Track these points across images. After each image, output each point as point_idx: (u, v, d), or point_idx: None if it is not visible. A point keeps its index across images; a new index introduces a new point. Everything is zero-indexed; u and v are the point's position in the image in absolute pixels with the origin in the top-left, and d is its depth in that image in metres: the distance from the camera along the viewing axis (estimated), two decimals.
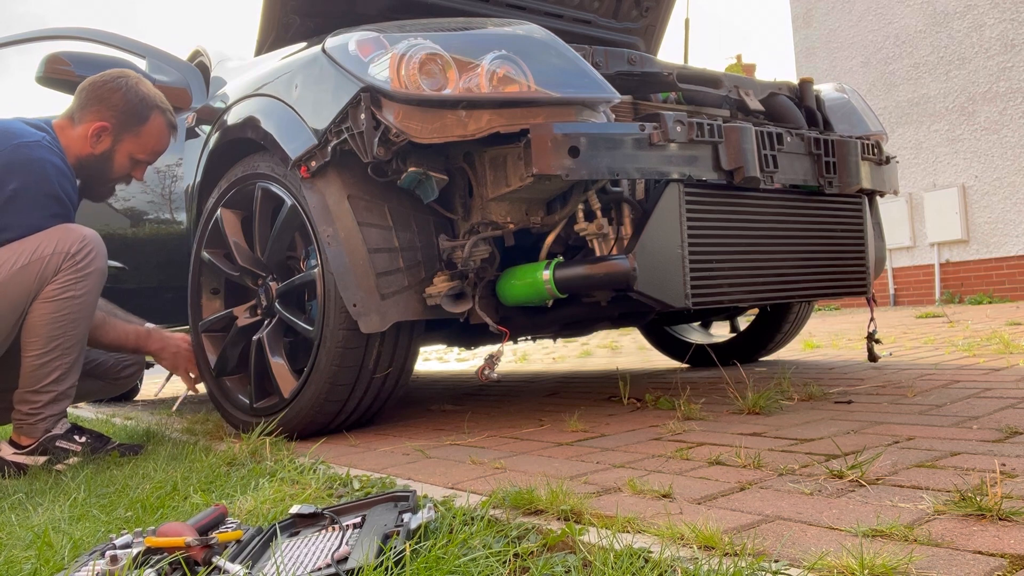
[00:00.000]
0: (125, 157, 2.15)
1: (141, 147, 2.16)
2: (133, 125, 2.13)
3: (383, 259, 1.90)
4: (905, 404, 1.86)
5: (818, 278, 2.15)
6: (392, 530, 0.99)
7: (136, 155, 2.17)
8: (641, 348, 4.87)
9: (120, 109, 2.11)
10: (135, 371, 2.43)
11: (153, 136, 2.17)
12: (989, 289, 8.13)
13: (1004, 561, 0.82)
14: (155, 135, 2.17)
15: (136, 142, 2.15)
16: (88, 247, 1.94)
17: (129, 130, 2.13)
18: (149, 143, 2.17)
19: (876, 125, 2.60)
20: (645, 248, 1.78)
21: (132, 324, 2.28)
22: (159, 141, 2.19)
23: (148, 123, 2.15)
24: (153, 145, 2.18)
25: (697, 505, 1.13)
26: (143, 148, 2.16)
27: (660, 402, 2.15)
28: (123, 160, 2.16)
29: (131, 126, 2.13)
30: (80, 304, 1.93)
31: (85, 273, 1.93)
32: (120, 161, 2.15)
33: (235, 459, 1.77)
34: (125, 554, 0.97)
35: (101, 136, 2.11)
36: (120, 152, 2.14)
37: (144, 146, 2.17)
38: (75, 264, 1.91)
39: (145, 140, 2.16)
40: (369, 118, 1.77)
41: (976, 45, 8.21)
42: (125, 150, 2.14)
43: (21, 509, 1.46)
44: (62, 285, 1.91)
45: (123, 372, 2.40)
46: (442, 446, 1.79)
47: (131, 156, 2.16)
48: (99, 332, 2.17)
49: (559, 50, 1.86)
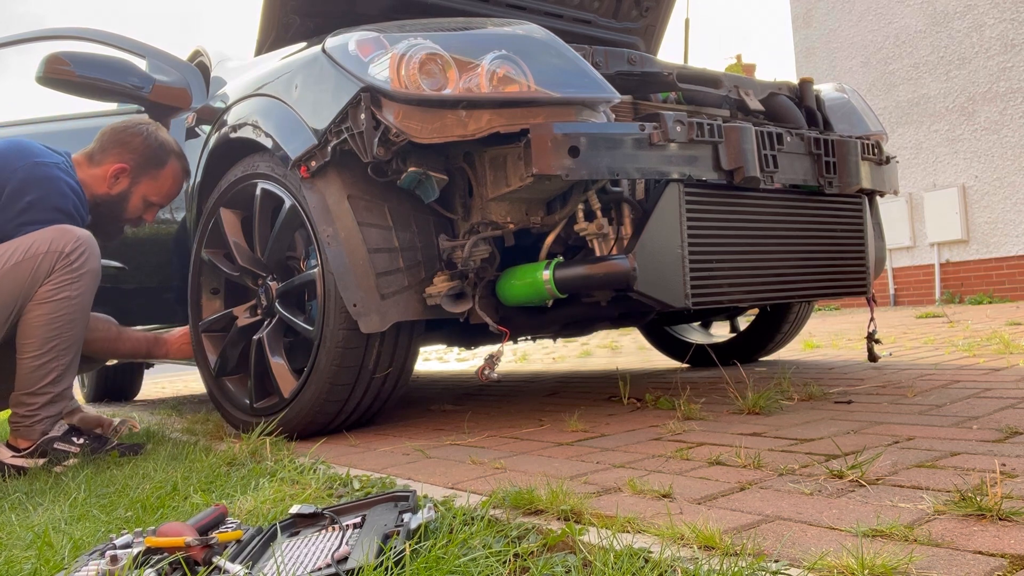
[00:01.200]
0: (140, 199, 2.24)
1: (156, 190, 2.26)
2: (151, 168, 2.22)
3: (383, 259, 1.90)
4: (905, 404, 1.86)
5: (818, 278, 2.15)
6: (392, 530, 0.99)
7: (150, 198, 2.26)
8: (641, 348, 4.87)
9: (140, 152, 2.21)
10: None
11: (168, 181, 2.27)
12: (989, 289, 8.13)
13: (1004, 561, 0.82)
14: (171, 180, 2.28)
15: (152, 185, 2.24)
16: (82, 247, 1.94)
17: (147, 173, 2.22)
18: (164, 187, 2.27)
19: (876, 125, 2.60)
20: (645, 248, 1.78)
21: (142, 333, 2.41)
22: (173, 186, 2.30)
23: (166, 168, 2.25)
24: (168, 189, 2.29)
25: (697, 505, 1.13)
26: (158, 192, 2.26)
27: (660, 402, 2.15)
28: (137, 202, 2.24)
29: (149, 169, 2.22)
30: (75, 305, 1.94)
31: (79, 273, 1.93)
32: (135, 203, 2.24)
33: (235, 459, 1.77)
34: (125, 554, 0.97)
35: (119, 177, 2.19)
36: (136, 194, 2.23)
37: (159, 190, 2.26)
38: (69, 264, 1.92)
39: (161, 184, 2.26)
40: (369, 118, 1.77)
41: (976, 45, 8.21)
42: (140, 192, 2.23)
43: (21, 509, 1.46)
44: (57, 286, 1.91)
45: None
46: (442, 446, 1.79)
47: (145, 199, 2.25)
48: (117, 344, 2.30)
49: (559, 50, 1.86)
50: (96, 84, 2.53)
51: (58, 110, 3.11)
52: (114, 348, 2.30)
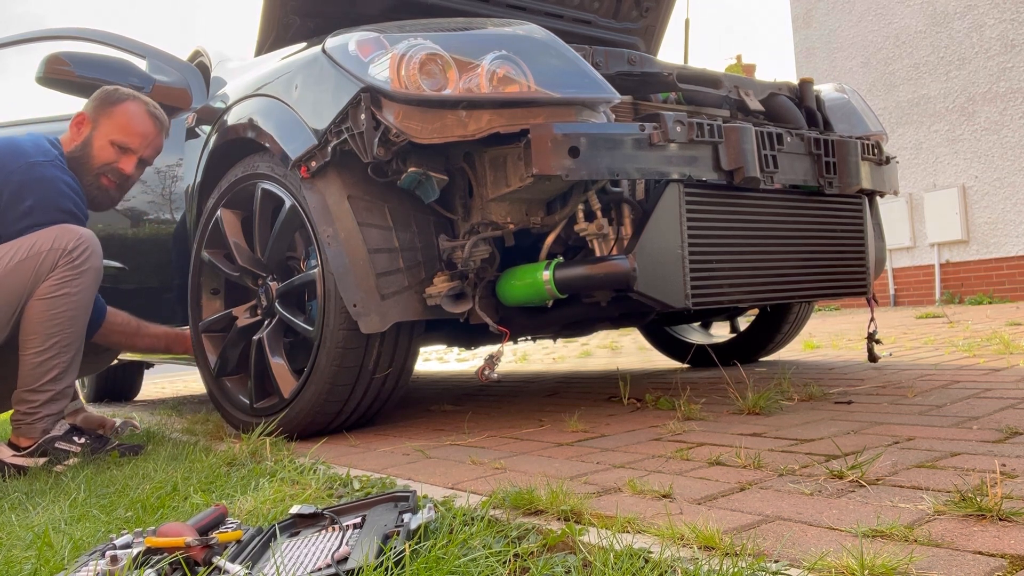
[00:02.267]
0: (104, 141, 2.16)
1: (117, 128, 2.17)
2: (106, 108, 2.17)
3: (383, 259, 1.90)
4: (905, 404, 1.86)
5: (818, 278, 2.15)
6: (392, 530, 0.99)
7: (114, 138, 2.17)
8: (641, 348, 4.87)
9: (96, 99, 2.20)
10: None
11: (125, 116, 2.18)
12: (989, 289, 8.13)
13: (1004, 561, 0.82)
14: (129, 115, 2.18)
15: (111, 124, 2.17)
16: (84, 245, 1.95)
17: (103, 113, 2.17)
18: (126, 124, 2.18)
19: (876, 125, 2.60)
20: (645, 248, 1.78)
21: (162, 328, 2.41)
22: (135, 123, 2.19)
23: (121, 104, 2.18)
24: (128, 124, 2.18)
25: (697, 505, 1.13)
26: (119, 129, 2.17)
27: (660, 402, 2.15)
28: (103, 144, 2.16)
29: (104, 109, 2.17)
30: (76, 301, 1.94)
31: (81, 271, 1.94)
32: (100, 145, 2.16)
33: (235, 459, 1.77)
34: (125, 554, 0.97)
35: (81, 127, 2.17)
36: (98, 137, 2.16)
37: (121, 127, 2.17)
38: (71, 261, 1.93)
39: (120, 120, 2.17)
40: (369, 118, 1.77)
41: (976, 45, 8.21)
42: (103, 134, 2.16)
43: (21, 509, 1.46)
44: (58, 282, 1.92)
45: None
46: (442, 446, 1.79)
47: (111, 141, 2.17)
48: (135, 338, 2.31)
49: (559, 50, 1.86)
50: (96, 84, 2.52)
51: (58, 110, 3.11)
52: (132, 342, 2.31)
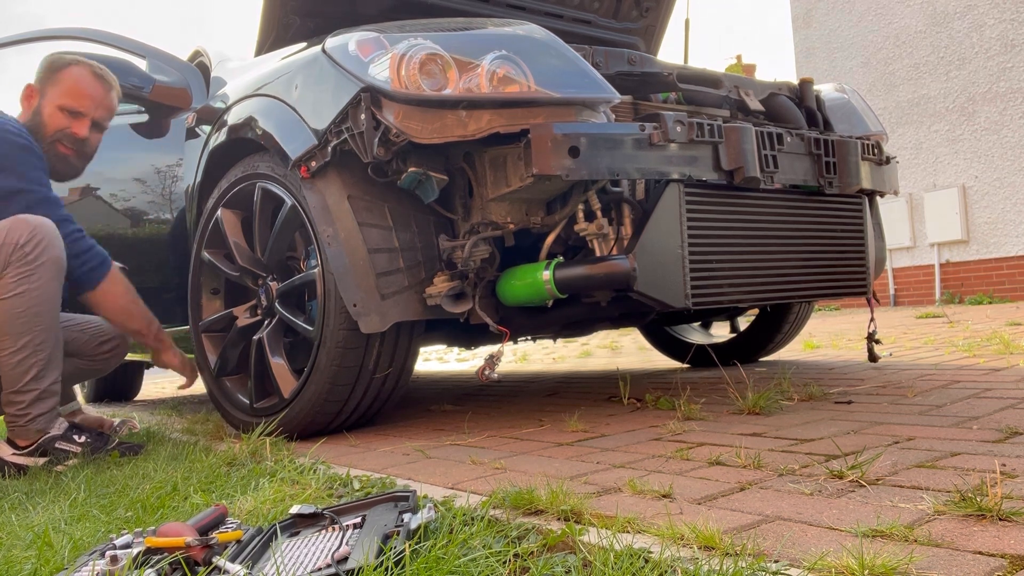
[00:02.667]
0: (53, 108, 2.13)
1: (64, 93, 2.14)
2: (51, 75, 2.15)
3: (383, 259, 1.90)
4: (905, 404, 1.86)
5: (818, 278, 2.15)
6: (392, 530, 0.99)
7: (62, 103, 2.14)
8: (641, 348, 4.87)
9: (41, 69, 2.17)
10: (115, 346, 2.34)
11: (71, 81, 2.15)
12: (989, 289, 8.13)
13: (1004, 561, 0.82)
14: (75, 79, 2.16)
15: (57, 89, 2.14)
16: (38, 236, 1.88)
17: (48, 81, 2.15)
18: (73, 88, 2.15)
19: (876, 125, 2.60)
20: (645, 248, 1.78)
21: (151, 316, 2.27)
22: (82, 86, 2.16)
23: (65, 69, 2.16)
24: (76, 89, 2.15)
25: (697, 505, 1.13)
26: (66, 94, 2.14)
27: (660, 402, 2.15)
28: (51, 110, 2.14)
29: (49, 76, 2.15)
30: (37, 296, 1.87)
31: (37, 264, 1.87)
32: (50, 113, 2.13)
33: (235, 459, 1.77)
34: (125, 554, 0.97)
35: (31, 98, 2.15)
36: (47, 104, 2.14)
37: (68, 92, 2.15)
38: (25, 256, 1.86)
39: (66, 85, 2.15)
40: (369, 118, 1.77)
41: (976, 45, 8.21)
42: (50, 101, 2.14)
43: (21, 509, 1.46)
44: (15, 280, 1.86)
45: (102, 348, 2.31)
46: (442, 446, 1.79)
47: (60, 107, 2.14)
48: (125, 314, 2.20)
49: (559, 50, 1.86)
50: None
51: None
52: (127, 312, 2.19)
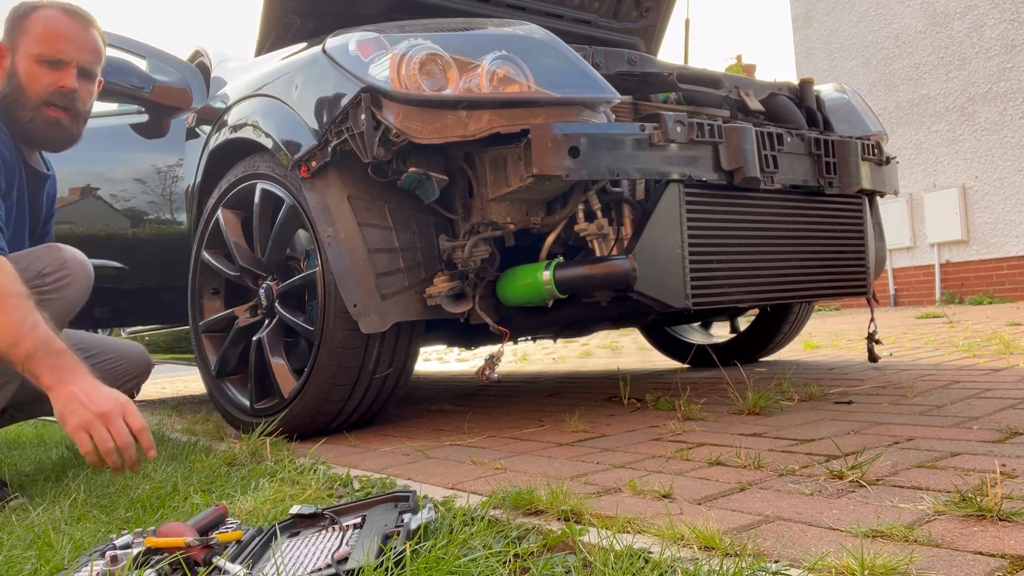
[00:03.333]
0: (30, 63, 1.81)
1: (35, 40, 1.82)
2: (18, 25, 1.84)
3: (383, 259, 1.90)
4: (905, 404, 1.86)
5: (818, 278, 2.15)
6: (392, 530, 0.99)
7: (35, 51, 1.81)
8: (641, 348, 4.87)
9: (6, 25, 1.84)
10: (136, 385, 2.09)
11: (40, 24, 1.83)
12: (989, 289, 8.13)
13: (1004, 561, 0.82)
14: (45, 21, 1.83)
15: (27, 39, 1.82)
16: (63, 272, 1.69)
17: (17, 32, 1.83)
18: (43, 31, 1.83)
19: (876, 125, 2.60)
20: (645, 248, 1.78)
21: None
22: (54, 25, 1.84)
23: (32, 16, 1.84)
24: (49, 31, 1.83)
25: (697, 505, 1.13)
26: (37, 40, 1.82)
27: (660, 402, 2.15)
28: (29, 66, 1.81)
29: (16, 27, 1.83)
30: None
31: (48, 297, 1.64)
32: (27, 69, 1.81)
33: (235, 459, 1.77)
34: (125, 554, 0.97)
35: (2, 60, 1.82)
36: (21, 60, 1.81)
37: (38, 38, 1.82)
38: (41, 285, 1.65)
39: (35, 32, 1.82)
40: (369, 118, 1.77)
41: (976, 45, 8.21)
42: (24, 55, 1.81)
43: (21, 509, 1.46)
44: None
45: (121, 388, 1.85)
46: (442, 446, 1.79)
47: (34, 58, 1.81)
48: None
49: (559, 50, 1.86)
50: None
51: None
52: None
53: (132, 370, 2.00)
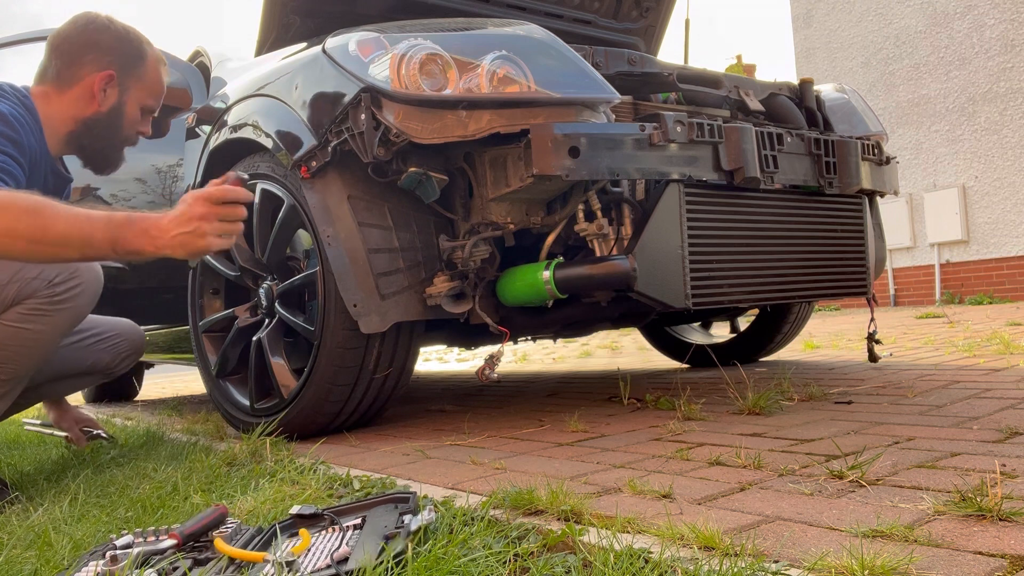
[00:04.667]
0: (136, 107, 1.85)
1: (148, 91, 1.87)
2: (135, 66, 1.83)
3: (383, 259, 1.90)
4: (905, 404, 1.86)
5: (818, 278, 2.15)
6: (392, 531, 0.99)
7: (146, 102, 1.87)
8: (641, 348, 4.87)
9: (118, 51, 1.80)
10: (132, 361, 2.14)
11: (155, 75, 1.88)
12: (989, 289, 8.13)
13: (1004, 562, 0.82)
14: (156, 74, 1.89)
15: (142, 86, 1.85)
16: (73, 281, 1.66)
17: (132, 74, 1.82)
18: (154, 84, 1.88)
19: (876, 125, 2.60)
20: (645, 248, 1.78)
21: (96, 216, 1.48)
22: (160, 81, 1.91)
23: (147, 60, 1.85)
24: (158, 86, 1.90)
25: (697, 505, 1.13)
26: (150, 92, 1.87)
27: (660, 402, 2.15)
28: (134, 111, 1.85)
29: (133, 67, 1.82)
30: (36, 339, 1.64)
31: (59, 307, 1.64)
32: (132, 113, 1.85)
33: (235, 459, 1.77)
34: (125, 554, 0.97)
35: (107, 89, 1.79)
36: (131, 102, 1.84)
37: (151, 89, 1.88)
38: (52, 294, 1.63)
39: (150, 81, 1.87)
40: (369, 118, 1.77)
41: (976, 45, 8.21)
42: (135, 99, 1.84)
43: (21, 509, 1.46)
44: (28, 312, 1.62)
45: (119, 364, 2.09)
46: (442, 446, 1.79)
47: (140, 105, 1.86)
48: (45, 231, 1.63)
49: (559, 50, 1.86)
50: None
51: None
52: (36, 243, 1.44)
53: (132, 347, 2.11)
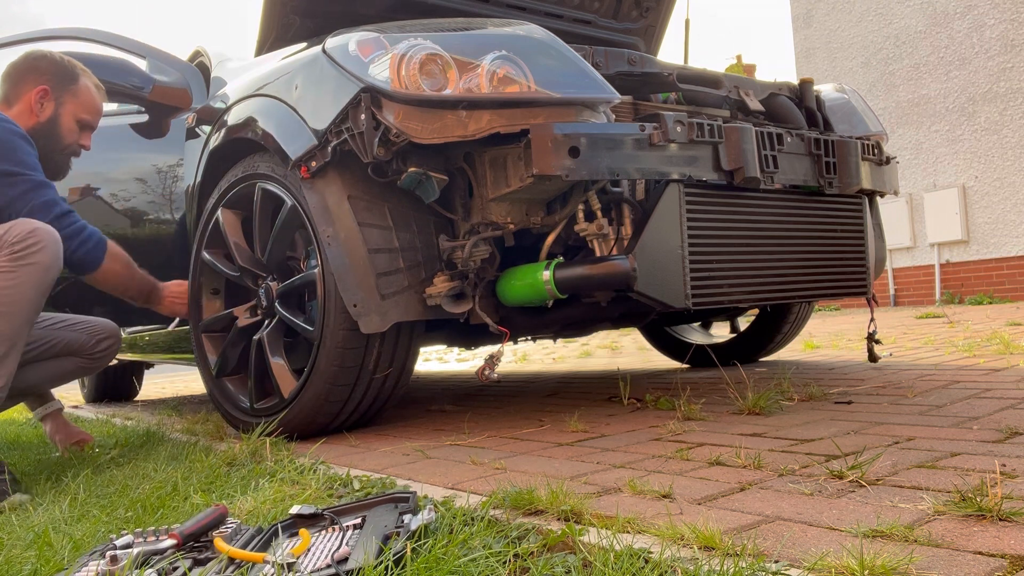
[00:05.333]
0: (71, 119, 2.15)
1: (82, 106, 2.17)
2: (68, 84, 2.15)
3: (383, 259, 1.90)
4: (905, 404, 1.86)
5: (818, 278, 2.15)
6: (392, 531, 0.99)
7: (79, 115, 2.17)
8: (641, 348, 4.87)
9: (52, 72, 2.14)
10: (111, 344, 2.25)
11: (89, 94, 2.19)
12: (989, 289, 8.13)
13: (1004, 561, 0.82)
14: (90, 93, 2.20)
15: (76, 102, 2.16)
16: (32, 239, 1.76)
17: (66, 90, 2.14)
18: (88, 102, 2.19)
19: (876, 125, 2.60)
20: (645, 248, 1.78)
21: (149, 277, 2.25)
22: (94, 100, 2.21)
23: (80, 81, 2.18)
24: (91, 103, 2.20)
25: (697, 505, 1.13)
26: (84, 107, 2.18)
27: (660, 402, 2.15)
28: (70, 122, 2.15)
29: (67, 85, 2.15)
30: (9, 295, 1.71)
31: (21, 263, 1.73)
32: (67, 124, 2.15)
33: (235, 459, 1.77)
34: (125, 554, 0.97)
35: (44, 101, 2.11)
36: (65, 114, 2.14)
37: (85, 105, 2.18)
38: (13, 252, 1.73)
39: (84, 99, 2.18)
40: (369, 118, 1.77)
41: (976, 45, 8.21)
42: (69, 111, 2.15)
43: (21, 509, 1.46)
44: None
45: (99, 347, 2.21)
46: (442, 446, 1.79)
47: (76, 118, 2.16)
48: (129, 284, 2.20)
49: (559, 50, 1.86)
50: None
51: None
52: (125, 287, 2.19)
53: (108, 330, 2.24)
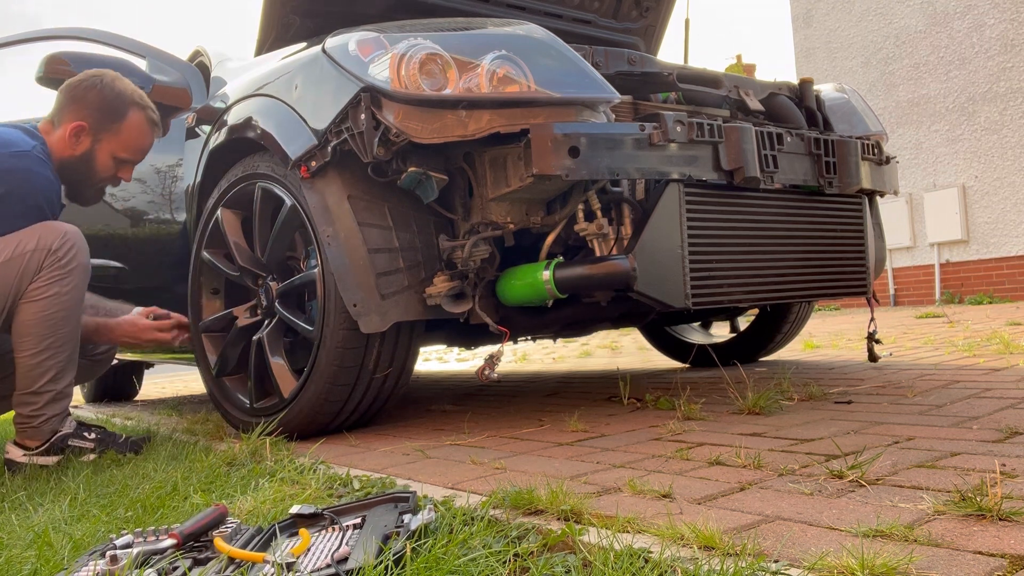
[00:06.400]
0: (107, 157, 2.11)
1: (122, 145, 2.12)
2: (111, 123, 2.10)
3: (383, 259, 1.90)
4: (905, 404, 1.86)
5: (818, 278, 2.15)
6: (392, 531, 0.99)
7: (118, 154, 2.13)
8: (641, 348, 4.87)
9: (96, 107, 2.08)
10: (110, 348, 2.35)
11: (133, 132, 2.13)
12: (989, 289, 8.13)
13: (1004, 561, 0.82)
14: (135, 132, 2.13)
15: (116, 140, 2.11)
16: (69, 243, 1.91)
17: (107, 128, 2.10)
18: (130, 141, 2.13)
19: (876, 125, 2.60)
20: (645, 248, 1.78)
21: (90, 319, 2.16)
22: (140, 138, 2.15)
23: (126, 120, 2.11)
24: (134, 142, 2.14)
25: (697, 505, 1.13)
26: (125, 146, 2.13)
27: (660, 402, 2.15)
28: (106, 160, 2.12)
29: (109, 124, 2.09)
30: (67, 301, 1.92)
31: (68, 269, 1.91)
32: (103, 161, 2.11)
33: (235, 459, 1.77)
34: (125, 554, 0.97)
35: (80, 137, 2.07)
36: (101, 152, 2.10)
37: (126, 144, 2.13)
38: (58, 260, 1.89)
39: (126, 138, 2.12)
40: (369, 118, 1.77)
41: (976, 45, 8.21)
42: (106, 149, 2.11)
43: (21, 509, 1.46)
44: (47, 282, 1.89)
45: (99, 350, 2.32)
46: (442, 446, 1.79)
47: (113, 155, 2.12)
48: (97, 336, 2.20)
49: (559, 50, 1.86)
50: None
51: None
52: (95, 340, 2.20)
53: None
